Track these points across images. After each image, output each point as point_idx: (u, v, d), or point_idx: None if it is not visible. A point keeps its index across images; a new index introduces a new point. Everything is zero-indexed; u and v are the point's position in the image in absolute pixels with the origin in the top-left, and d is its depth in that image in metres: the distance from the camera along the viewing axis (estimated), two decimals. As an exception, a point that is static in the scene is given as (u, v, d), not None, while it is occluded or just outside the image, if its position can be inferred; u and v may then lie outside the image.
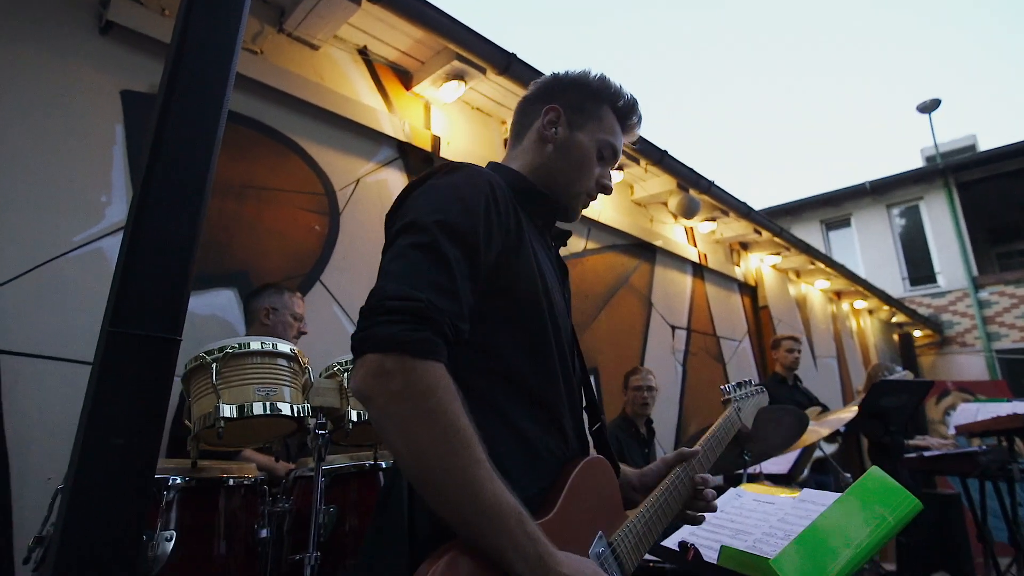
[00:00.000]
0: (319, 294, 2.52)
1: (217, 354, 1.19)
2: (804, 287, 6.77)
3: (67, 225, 1.93)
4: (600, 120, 1.03)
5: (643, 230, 4.41)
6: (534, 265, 0.88)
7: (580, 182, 1.02)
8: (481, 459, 0.69)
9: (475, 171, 0.87)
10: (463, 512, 0.67)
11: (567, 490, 0.82)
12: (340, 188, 2.70)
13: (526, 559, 0.67)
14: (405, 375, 0.67)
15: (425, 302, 0.70)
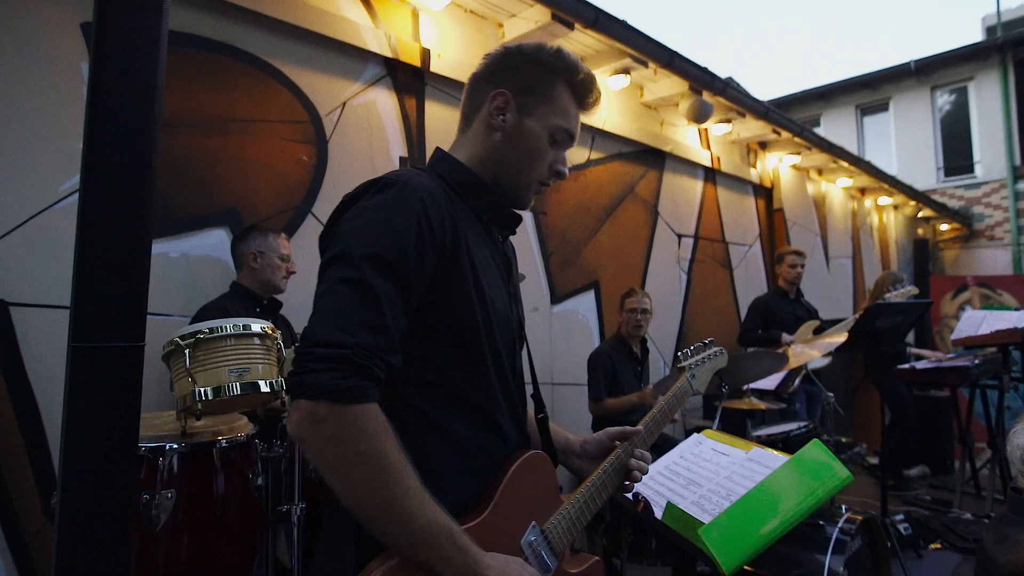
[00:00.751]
0: (312, 227, 2.54)
1: (189, 339, 1.26)
2: (824, 185, 6.52)
3: (51, 176, 1.94)
4: (552, 102, 0.97)
5: (652, 135, 4.21)
6: (469, 280, 0.89)
7: (530, 172, 0.99)
8: (411, 487, 0.76)
9: (407, 189, 0.85)
10: (398, 537, 0.76)
11: (501, 489, 0.90)
12: (326, 114, 2.61)
13: (455, 568, 0.77)
14: (336, 421, 0.72)
15: (353, 348, 0.73)
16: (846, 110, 11.69)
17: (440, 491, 0.86)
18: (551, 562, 0.93)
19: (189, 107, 2.21)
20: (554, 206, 3.57)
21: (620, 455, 1.06)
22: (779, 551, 2.11)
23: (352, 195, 0.88)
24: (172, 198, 2.17)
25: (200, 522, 1.32)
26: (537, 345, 3.41)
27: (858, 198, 7.36)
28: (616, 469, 1.05)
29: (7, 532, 1.80)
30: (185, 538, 1.30)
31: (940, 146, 10.72)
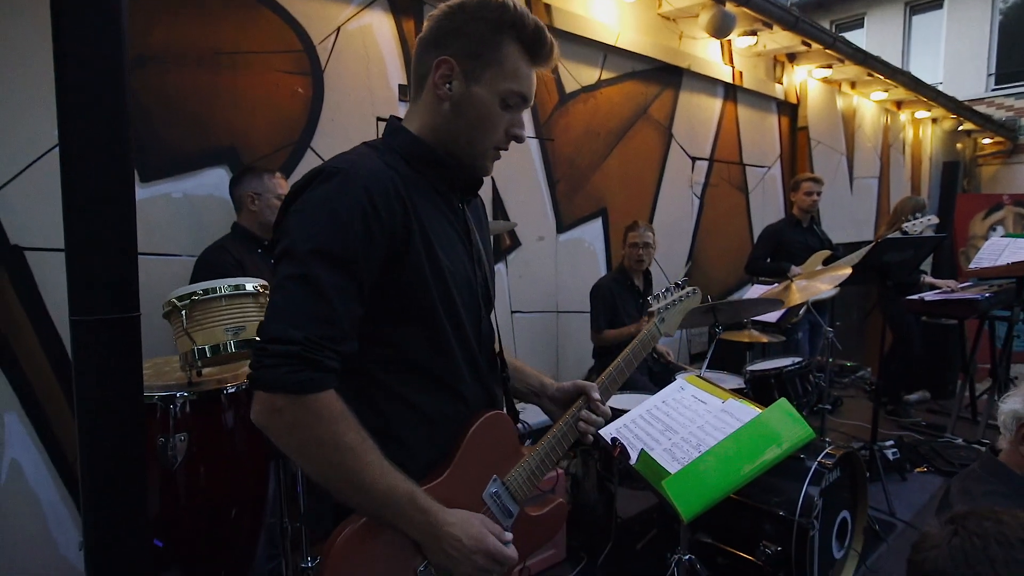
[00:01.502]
0: (312, 162, 2.53)
1: (185, 300, 1.32)
2: (856, 99, 6.14)
3: (48, 120, 1.93)
4: (500, 64, 0.92)
5: (669, 51, 3.96)
6: (423, 258, 0.91)
7: (484, 140, 0.96)
8: (369, 461, 0.83)
9: (351, 178, 0.85)
10: (362, 505, 0.85)
11: (461, 449, 0.98)
12: (319, 41, 2.51)
13: (418, 528, 0.87)
14: (293, 411, 0.79)
15: (302, 342, 0.78)
16: (894, 8, 10.71)
17: (408, 457, 0.94)
18: (513, 509, 1.02)
19: (177, 41, 2.15)
20: (561, 132, 3.46)
21: (574, 412, 1.11)
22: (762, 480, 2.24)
23: (298, 186, 0.88)
24: (169, 137, 2.16)
25: (213, 458, 1.46)
26: (542, 274, 3.46)
27: (893, 112, 6.94)
28: (570, 426, 1.10)
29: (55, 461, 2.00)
30: (201, 473, 1.45)
31: (995, 49, 9.87)
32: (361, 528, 0.87)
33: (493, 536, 0.92)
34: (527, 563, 2.46)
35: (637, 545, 2.61)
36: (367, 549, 0.88)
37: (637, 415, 1.62)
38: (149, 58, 2.10)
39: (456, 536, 0.88)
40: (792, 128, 5.32)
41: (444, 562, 0.90)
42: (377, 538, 0.88)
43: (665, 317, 1.27)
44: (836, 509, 2.25)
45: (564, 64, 3.42)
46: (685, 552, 2.02)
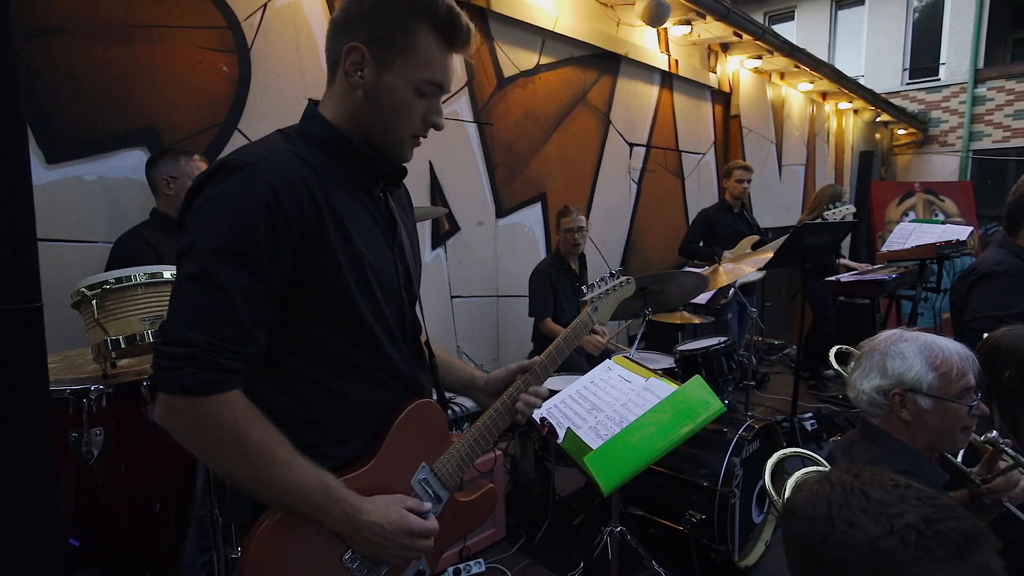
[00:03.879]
0: (239, 144, 2.42)
1: (96, 290, 1.26)
2: (785, 90, 6.43)
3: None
4: (413, 51, 0.89)
5: (607, 38, 4.02)
6: (337, 253, 0.90)
7: (399, 129, 0.94)
8: (277, 459, 0.83)
9: (256, 173, 0.82)
10: (273, 500, 0.86)
11: (388, 437, 0.99)
12: (245, 18, 2.40)
13: (337, 519, 0.88)
14: (192, 413, 0.79)
15: (201, 345, 0.77)
16: (822, 3, 11.23)
17: (333, 446, 0.94)
18: (442, 494, 1.05)
19: (83, 11, 2.01)
20: (500, 116, 3.46)
21: (512, 393, 1.14)
22: (688, 453, 2.38)
23: (201, 179, 0.85)
24: (79, 116, 2.03)
25: (135, 451, 1.40)
26: (482, 258, 3.47)
27: (818, 103, 7.31)
28: (507, 408, 1.13)
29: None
30: (121, 468, 1.39)
31: (909, 45, 10.54)
32: (281, 520, 0.87)
33: (412, 515, 0.94)
34: (467, 542, 2.51)
35: (574, 521, 2.71)
36: (288, 542, 0.88)
37: (567, 395, 1.67)
38: (51, 28, 1.96)
39: (375, 523, 0.90)
40: (725, 116, 5.52)
41: (368, 549, 0.92)
42: (299, 530, 0.88)
43: (599, 306, 1.30)
44: (756, 477, 2.41)
45: (503, 48, 3.41)
46: (617, 525, 2.12)
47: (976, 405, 1.25)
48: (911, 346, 1.30)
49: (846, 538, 0.72)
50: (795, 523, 0.78)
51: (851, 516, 0.73)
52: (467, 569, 2.32)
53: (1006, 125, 9.66)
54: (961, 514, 0.71)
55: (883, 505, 0.72)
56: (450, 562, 2.33)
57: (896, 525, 0.70)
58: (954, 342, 1.31)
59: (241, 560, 0.86)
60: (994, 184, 9.55)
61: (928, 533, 0.69)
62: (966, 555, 0.68)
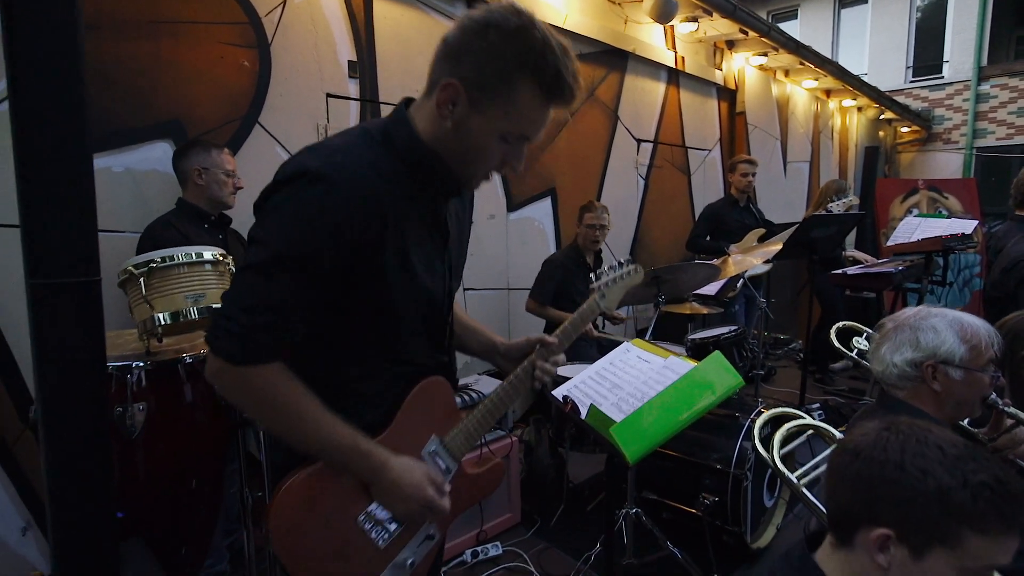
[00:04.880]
0: (260, 137, 2.49)
1: (143, 268, 1.32)
2: (789, 87, 6.47)
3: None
4: (508, 101, 0.89)
5: (615, 35, 4.07)
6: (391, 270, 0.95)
7: (476, 166, 0.97)
8: (305, 416, 0.91)
9: (334, 188, 0.86)
10: (308, 449, 0.94)
11: (400, 411, 1.04)
12: (265, 14, 2.46)
13: (362, 470, 0.96)
14: (231, 375, 0.89)
15: (246, 325, 0.86)
16: (825, 2, 11.26)
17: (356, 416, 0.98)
18: (451, 466, 1.10)
19: (111, 7, 2.07)
20: (512, 112, 3.51)
21: (528, 366, 1.18)
22: (701, 438, 2.43)
23: (282, 177, 0.89)
24: (108, 109, 2.09)
25: (173, 429, 1.46)
26: (493, 252, 3.52)
27: (822, 100, 7.34)
28: (526, 374, 1.17)
29: (-11, 439, 1.93)
30: (161, 444, 1.45)
31: (912, 43, 10.57)
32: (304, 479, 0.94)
33: (433, 487, 1.00)
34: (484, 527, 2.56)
35: (587, 507, 2.76)
36: (311, 502, 0.94)
37: (587, 376, 1.72)
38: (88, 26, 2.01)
39: (397, 478, 0.96)
40: (731, 113, 5.57)
41: (385, 501, 0.99)
42: (323, 483, 0.95)
43: (606, 293, 1.33)
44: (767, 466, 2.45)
45: (513, 44, 3.46)
46: (632, 507, 2.17)
47: (998, 376, 1.31)
48: (942, 321, 1.35)
49: (916, 484, 0.77)
50: (857, 462, 0.83)
51: (926, 465, 0.78)
52: (484, 552, 2.37)
53: (1010, 122, 9.68)
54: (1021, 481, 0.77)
55: (960, 460, 0.77)
56: (467, 545, 2.38)
57: (971, 480, 0.75)
58: (978, 318, 1.37)
59: (269, 504, 0.92)
60: (998, 181, 9.56)
61: (1000, 491, 0.75)
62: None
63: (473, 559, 2.34)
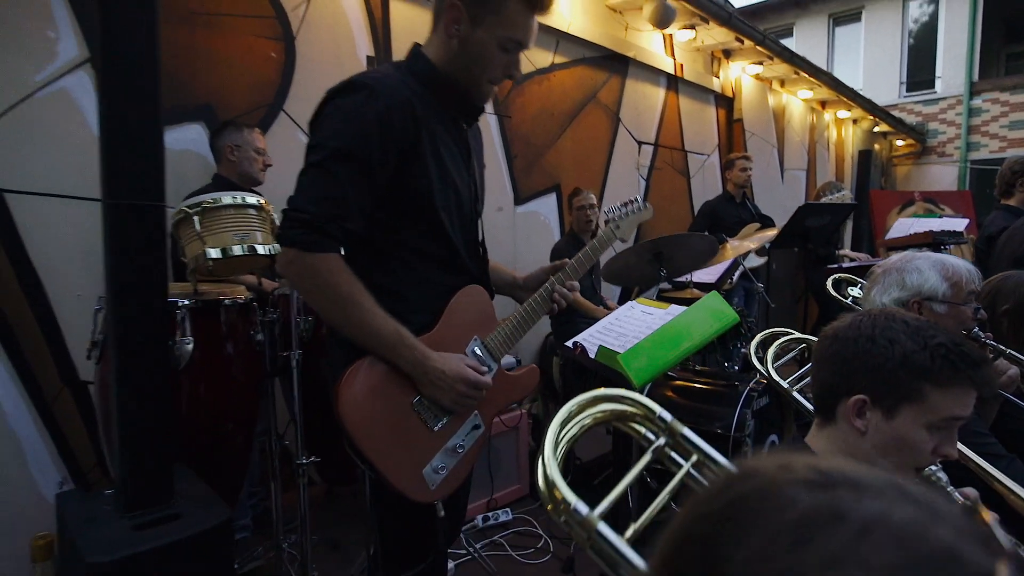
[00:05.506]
0: (284, 124, 2.65)
1: (196, 208, 1.46)
2: (785, 97, 6.67)
3: (26, 67, 2.00)
4: (501, 13, 1.10)
5: (616, 40, 4.27)
6: (430, 164, 1.12)
7: (482, 75, 1.16)
8: (362, 306, 1.04)
9: (375, 95, 1.04)
10: (359, 339, 1.07)
11: (446, 312, 1.18)
12: (291, 9, 2.64)
13: (408, 362, 1.08)
14: (300, 264, 1.02)
15: (314, 215, 1.00)
16: (819, 19, 11.59)
17: (410, 312, 1.13)
18: (491, 364, 1.23)
19: (155, -2, 2.23)
20: (518, 110, 3.68)
21: (548, 286, 1.33)
22: (702, 408, 2.53)
23: (332, 92, 1.08)
24: (147, 91, 2.25)
25: (213, 368, 1.58)
26: (501, 242, 3.66)
27: (818, 111, 7.56)
28: (547, 295, 1.32)
29: (34, 399, 2.04)
30: (202, 382, 1.57)
31: (905, 60, 10.85)
32: (371, 364, 1.07)
33: (471, 369, 1.13)
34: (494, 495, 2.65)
35: (595, 481, 2.85)
36: (370, 384, 1.07)
37: (594, 330, 1.84)
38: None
39: (439, 369, 1.09)
40: (729, 120, 5.76)
41: (432, 392, 1.11)
42: (379, 376, 1.08)
43: (620, 224, 1.48)
44: (766, 432, 2.55)
45: (520, 46, 3.65)
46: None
47: (979, 308, 1.44)
48: (925, 262, 1.49)
49: (884, 352, 0.90)
50: (836, 343, 0.96)
51: (893, 336, 0.91)
52: (495, 517, 2.46)
53: (1002, 136, 9.90)
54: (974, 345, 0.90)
55: (921, 330, 0.91)
56: (478, 511, 2.47)
57: (930, 343, 0.89)
58: (959, 259, 1.50)
59: (337, 385, 1.04)
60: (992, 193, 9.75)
61: (955, 351, 0.88)
62: (977, 370, 0.87)
63: (484, 523, 2.43)
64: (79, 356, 2.12)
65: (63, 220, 2.07)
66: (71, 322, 2.10)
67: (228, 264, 1.49)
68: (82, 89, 2.11)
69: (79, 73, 2.10)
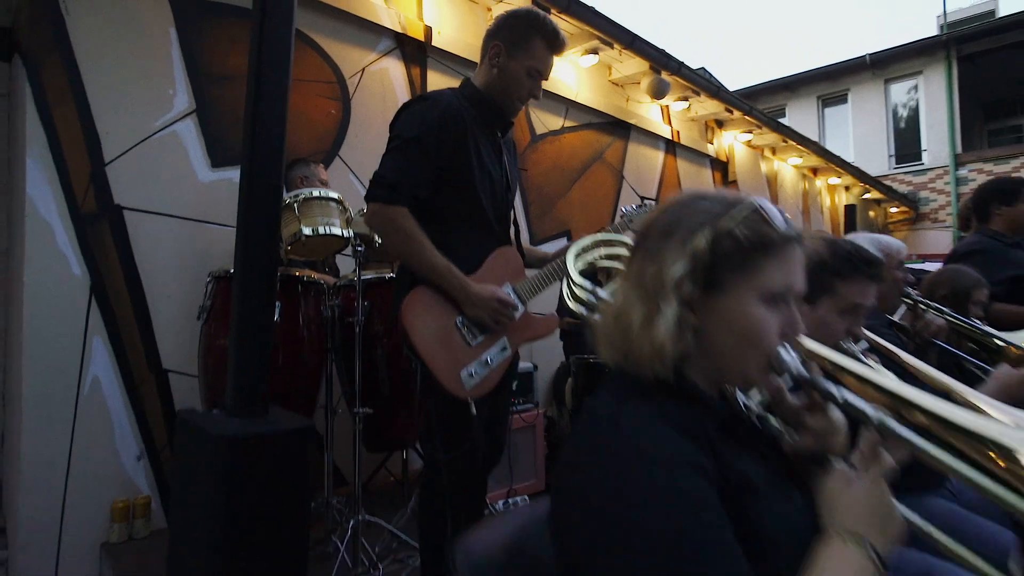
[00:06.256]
0: (338, 166, 3.17)
1: (297, 199, 1.92)
2: (777, 164, 7.27)
3: (149, 114, 2.54)
4: (529, 50, 1.60)
5: (618, 109, 4.88)
6: (472, 158, 1.55)
7: (514, 95, 1.64)
8: (424, 246, 1.46)
9: (434, 104, 1.51)
10: (418, 268, 1.47)
11: (483, 266, 1.58)
12: (349, 76, 3.23)
13: (454, 288, 1.48)
14: (383, 212, 1.44)
15: (392, 180, 1.44)
16: (809, 100, 12.53)
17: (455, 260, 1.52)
18: (520, 306, 1.60)
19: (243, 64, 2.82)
20: (533, 164, 4.23)
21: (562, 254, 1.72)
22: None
23: (407, 103, 1.57)
24: (234, 137, 2.78)
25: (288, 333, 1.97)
26: (519, 279, 4.08)
27: (810, 178, 8.15)
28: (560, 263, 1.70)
29: (125, 381, 2.42)
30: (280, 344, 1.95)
31: (892, 135, 11.63)
32: (426, 288, 1.48)
33: (502, 292, 1.52)
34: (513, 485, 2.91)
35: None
36: (426, 304, 1.48)
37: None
38: (224, 76, 2.76)
39: (479, 293, 1.49)
40: (724, 181, 6.31)
41: (472, 312, 1.49)
42: (432, 298, 1.48)
43: (632, 219, 1.87)
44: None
45: (535, 111, 4.26)
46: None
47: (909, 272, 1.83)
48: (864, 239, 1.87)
49: None
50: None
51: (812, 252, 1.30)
52: (514, 503, 2.71)
53: (991, 202, 10.41)
54: None
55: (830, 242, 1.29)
56: (499, 498, 2.73)
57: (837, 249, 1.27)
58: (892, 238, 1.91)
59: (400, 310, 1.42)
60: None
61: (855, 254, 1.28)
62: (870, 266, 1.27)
63: (504, 508, 2.68)
64: (165, 348, 2.51)
65: (164, 235, 2.54)
66: (160, 319, 2.51)
67: (313, 244, 1.92)
68: (188, 133, 2.64)
69: (187, 121, 2.64)
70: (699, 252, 0.69)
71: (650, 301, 0.70)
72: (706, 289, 0.70)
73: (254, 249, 1.57)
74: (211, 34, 2.75)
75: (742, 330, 0.70)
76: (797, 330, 0.72)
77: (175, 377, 2.54)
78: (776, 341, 0.71)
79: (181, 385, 2.54)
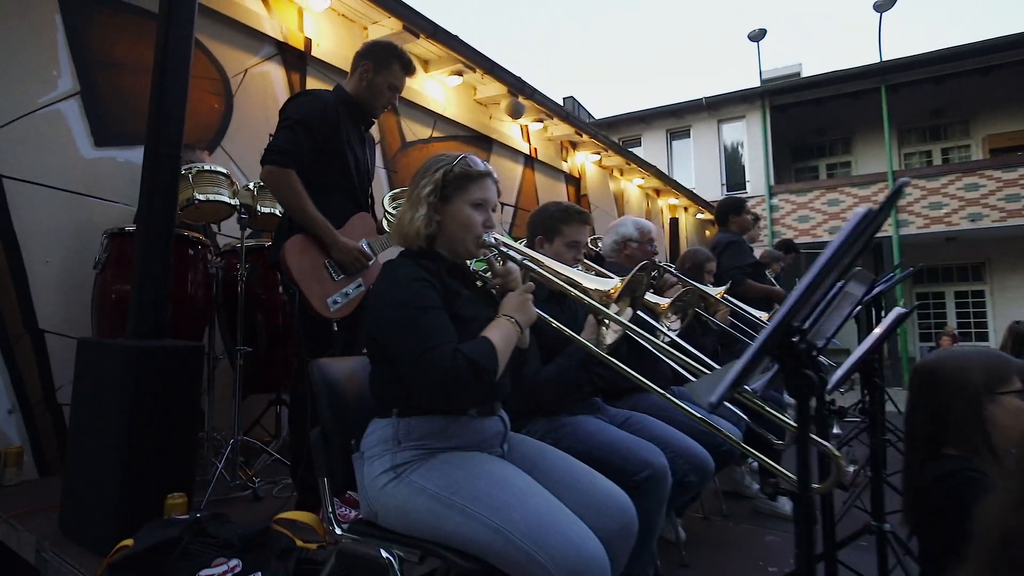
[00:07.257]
0: (220, 155, 3.49)
1: (191, 171, 2.30)
2: (624, 183, 8.46)
3: (31, 91, 2.74)
4: (389, 70, 2.14)
5: (482, 125, 5.59)
6: (343, 139, 2.06)
7: (376, 102, 2.17)
8: (307, 200, 1.95)
9: (317, 96, 2.03)
10: (302, 220, 1.97)
11: (350, 221, 2.10)
12: (232, 75, 3.58)
13: (325, 235, 1.98)
14: (278, 172, 1.92)
15: (283, 147, 1.92)
16: (659, 133, 14.35)
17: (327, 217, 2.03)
18: (373, 256, 2.14)
19: (133, 56, 3.09)
20: (403, 168, 4.77)
21: None
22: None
23: (293, 96, 2.07)
24: (121, 120, 3.03)
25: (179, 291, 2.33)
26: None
27: (653, 198, 9.50)
28: None
29: None
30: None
31: (724, 166, 13.70)
32: (297, 238, 1.97)
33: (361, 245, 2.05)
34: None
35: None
36: (302, 247, 1.96)
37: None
38: (111, 63, 3.02)
39: (345, 243, 2.00)
40: (578, 194, 7.28)
41: (338, 256, 2.01)
42: (308, 243, 1.97)
43: None
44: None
45: (406, 120, 4.81)
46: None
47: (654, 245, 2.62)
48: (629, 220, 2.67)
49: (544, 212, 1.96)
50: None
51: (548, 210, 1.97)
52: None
53: (794, 226, 12.67)
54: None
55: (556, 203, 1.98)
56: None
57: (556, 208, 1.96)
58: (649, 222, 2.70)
59: (282, 250, 1.91)
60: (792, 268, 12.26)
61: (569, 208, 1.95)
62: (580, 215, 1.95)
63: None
64: (42, 311, 2.70)
65: (44, 205, 2.73)
66: (38, 283, 2.69)
67: (206, 207, 2.31)
68: (71, 112, 2.86)
69: (71, 101, 2.86)
70: (436, 180, 1.31)
71: (413, 208, 1.33)
72: (441, 200, 1.33)
73: (158, 200, 1.95)
74: (98, 23, 2.99)
75: (460, 221, 1.34)
76: (491, 225, 1.35)
77: (51, 337, 2.73)
78: (481, 230, 1.34)
79: (57, 345, 2.73)
